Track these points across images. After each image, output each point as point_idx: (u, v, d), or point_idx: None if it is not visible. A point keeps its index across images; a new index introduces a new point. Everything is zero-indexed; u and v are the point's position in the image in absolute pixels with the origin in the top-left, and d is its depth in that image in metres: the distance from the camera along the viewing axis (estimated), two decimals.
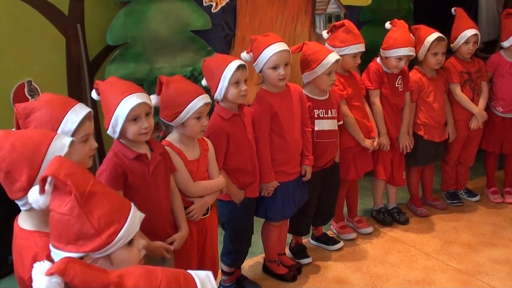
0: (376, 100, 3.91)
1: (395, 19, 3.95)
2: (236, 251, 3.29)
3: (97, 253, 1.61)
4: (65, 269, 1.42)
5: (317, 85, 3.43)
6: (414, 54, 3.90)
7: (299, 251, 3.77)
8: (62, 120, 2.08)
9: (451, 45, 4.15)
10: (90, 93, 3.59)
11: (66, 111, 2.10)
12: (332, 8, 4.35)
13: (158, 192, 2.59)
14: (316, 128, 3.45)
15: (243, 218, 3.22)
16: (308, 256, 3.75)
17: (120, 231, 1.62)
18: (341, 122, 3.63)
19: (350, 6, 4.43)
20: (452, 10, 4.21)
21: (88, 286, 1.42)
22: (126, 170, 2.50)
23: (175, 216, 2.71)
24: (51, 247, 1.65)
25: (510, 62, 4.30)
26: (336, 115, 3.54)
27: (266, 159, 3.20)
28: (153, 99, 2.71)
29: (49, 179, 1.63)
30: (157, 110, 2.76)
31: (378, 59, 3.97)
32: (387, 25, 3.94)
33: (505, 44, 4.26)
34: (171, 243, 2.65)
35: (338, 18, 4.30)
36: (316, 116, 3.45)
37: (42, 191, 1.66)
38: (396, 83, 3.95)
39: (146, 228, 2.53)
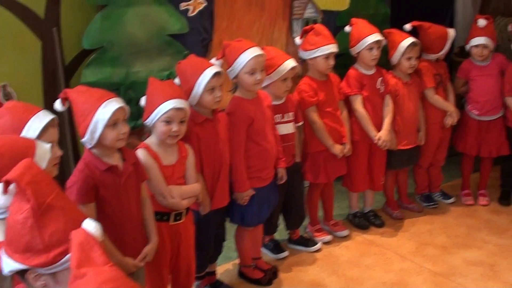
0: (358, 106, 3.92)
1: (351, 19, 4.01)
2: (196, 258, 3.24)
3: (42, 269, 1.56)
4: None
5: (272, 91, 3.44)
6: (383, 39, 3.93)
7: (275, 246, 3.83)
8: (24, 127, 2.05)
9: (438, 53, 4.24)
10: None
11: (28, 117, 2.08)
12: (309, 12, 4.37)
13: (130, 203, 2.59)
14: (278, 133, 3.48)
15: (205, 229, 3.18)
16: (284, 250, 3.81)
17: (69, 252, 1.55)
18: (300, 123, 3.67)
19: (327, 11, 4.46)
20: (407, 26, 4.20)
21: None
22: (98, 182, 2.48)
23: (145, 226, 2.70)
24: (2, 250, 1.61)
25: (479, 65, 4.39)
26: (293, 118, 3.57)
27: (241, 168, 3.22)
28: (143, 101, 2.78)
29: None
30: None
31: (356, 65, 4.00)
32: (346, 28, 4.00)
33: (467, 47, 4.40)
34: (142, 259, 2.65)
35: (315, 22, 4.31)
36: (275, 121, 3.46)
37: (5, 191, 1.62)
38: (377, 85, 3.99)
39: (117, 240, 2.54)
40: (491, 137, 4.45)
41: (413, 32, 4.20)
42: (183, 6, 3.86)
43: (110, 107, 2.42)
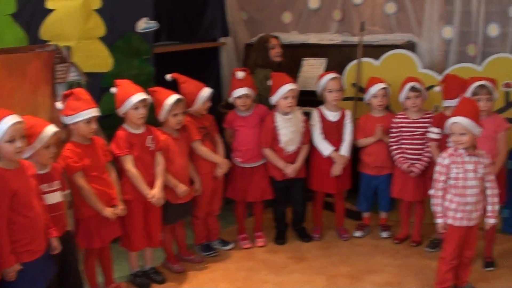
0: (129, 166, 3.96)
1: (116, 80, 4.10)
2: None
3: None
4: None
5: (36, 160, 3.38)
6: (148, 97, 4.03)
7: None
8: None
9: (190, 108, 4.38)
10: None
11: None
12: (73, 76, 4.31)
13: None
14: (46, 203, 3.39)
15: None
16: None
17: None
18: (68, 191, 3.63)
19: (91, 73, 4.45)
20: (168, 76, 4.43)
21: None
22: None
23: None
24: None
25: (241, 116, 4.67)
26: (60, 186, 3.52)
27: (3, 243, 3.07)
28: None
29: None
30: None
31: (125, 125, 4.05)
32: (112, 89, 4.07)
33: (230, 99, 4.67)
34: None
35: (79, 85, 4.29)
36: (42, 191, 3.39)
37: None
38: (147, 143, 4.05)
39: None
40: (255, 183, 4.72)
41: None
42: None
43: None
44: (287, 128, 4.56)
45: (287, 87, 4.52)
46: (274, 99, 4.59)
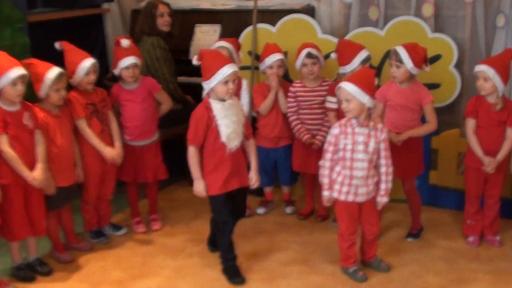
0: (4, 147, 3.56)
1: None
2: None
3: None
4: None
5: None
6: (26, 73, 3.63)
7: None
8: None
9: (70, 80, 3.99)
10: None
11: None
12: None
13: None
14: None
15: None
16: None
17: None
18: None
19: None
20: (56, 44, 4.09)
21: None
22: None
23: None
24: None
25: (127, 90, 4.34)
26: None
27: None
28: None
29: None
30: None
31: None
32: None
33: (116, 71, 4.33)
34: None
35: None
36: None
37: None
38: (24, 121, 3.65)
39: None
40: (146, 163, 4.44)
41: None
42: None
43: None
44: (228, 118, 3.61)
45: (228, 70, 3.57)
46: (210, 83, 3.62)
